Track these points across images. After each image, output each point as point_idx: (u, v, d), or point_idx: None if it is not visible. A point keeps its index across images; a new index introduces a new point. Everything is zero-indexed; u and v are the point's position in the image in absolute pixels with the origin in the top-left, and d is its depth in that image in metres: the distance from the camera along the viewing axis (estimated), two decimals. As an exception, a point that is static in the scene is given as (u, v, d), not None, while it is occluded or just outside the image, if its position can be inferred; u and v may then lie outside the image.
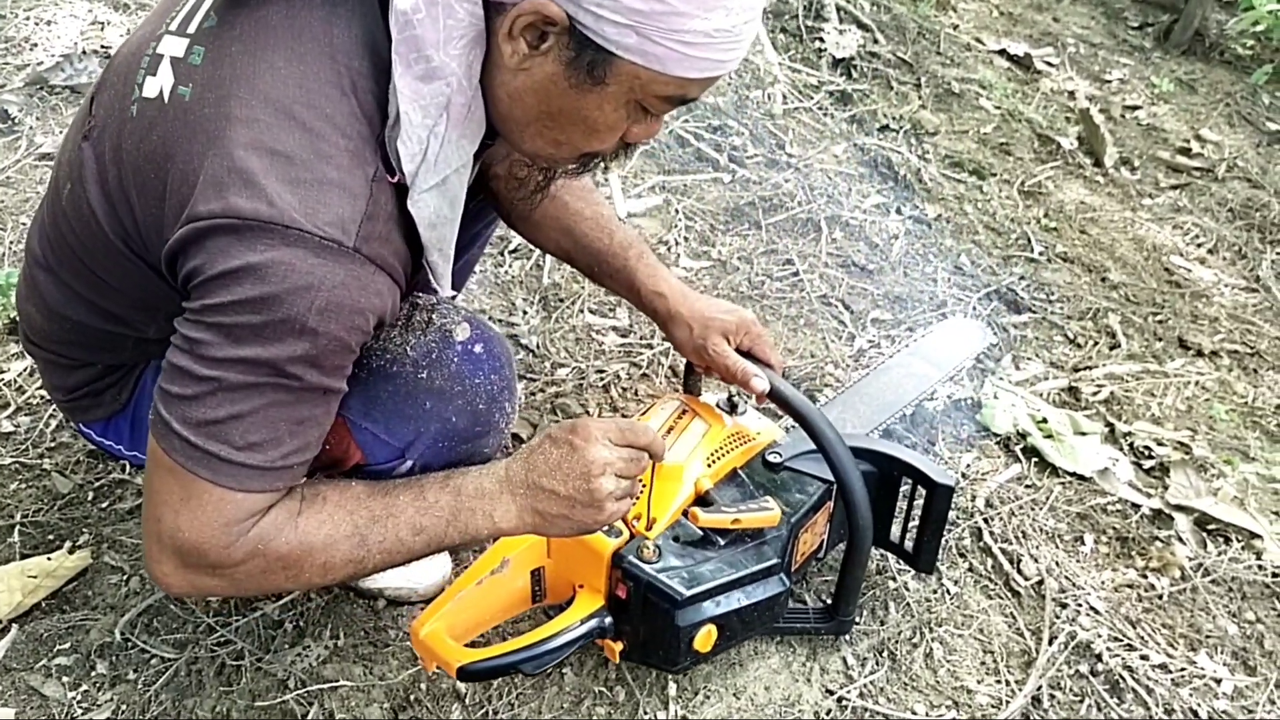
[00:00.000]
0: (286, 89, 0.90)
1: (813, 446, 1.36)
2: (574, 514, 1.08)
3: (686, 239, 2.36)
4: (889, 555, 1.59)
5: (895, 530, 1.52)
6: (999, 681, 1.47)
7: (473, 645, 1.20)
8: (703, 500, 1.34)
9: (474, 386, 1.13)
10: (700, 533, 1.29)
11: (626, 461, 1.10)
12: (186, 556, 0.95)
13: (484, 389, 1.14)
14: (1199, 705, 1.48)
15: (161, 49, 0.97)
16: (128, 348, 1.18)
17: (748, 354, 1.43)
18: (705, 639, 1.24)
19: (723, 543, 1.29)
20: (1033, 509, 1.77)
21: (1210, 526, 1.80)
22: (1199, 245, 2.83)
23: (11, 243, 2.07)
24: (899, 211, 2.65)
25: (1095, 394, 2.09)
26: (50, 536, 1.52)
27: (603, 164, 1.11)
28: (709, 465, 1.37)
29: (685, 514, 1.30)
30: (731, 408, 1.48)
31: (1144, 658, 1.53)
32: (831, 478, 1.37)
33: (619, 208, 1.28)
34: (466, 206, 1.56)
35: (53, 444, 1.67)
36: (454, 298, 1.20)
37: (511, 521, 1.07)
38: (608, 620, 1.24)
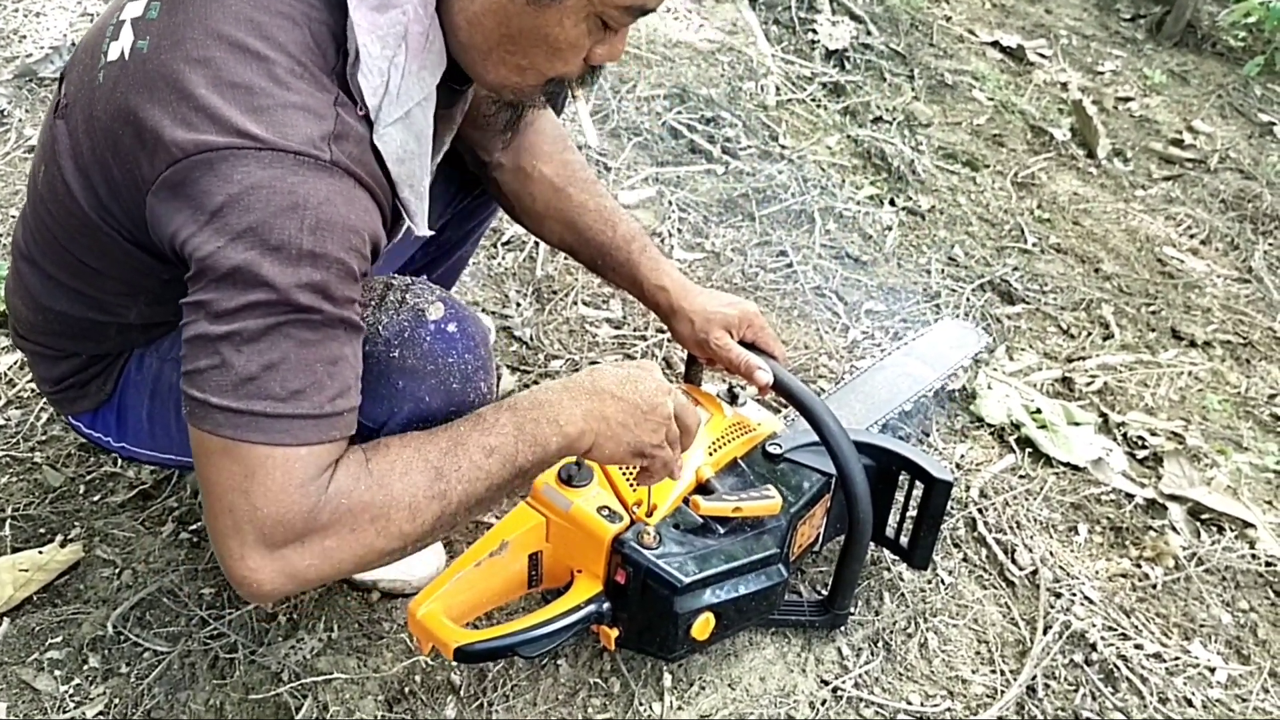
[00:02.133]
0: (238, 24, 0.91)
1: (813, 439, 1.36)
2: (638, 427, 1.09)
3: (680, 231, 2.35)
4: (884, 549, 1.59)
5: (890, 527, 1.52)
6: (994, 671, 1.48)
7: (469, 628, 1.19)
8: (703, 488, 1.33)
9: (447, 365, 1.12)
10: (700, 520, 1.29)
11: (681, 407, 1.13)
12: (271, 535, 0.89)
13: (458, 368, 1.12)
14: (1193, 694, 1.48)
15: (123, 15, 0.99)
16: (110, 335, 1.18)
17: (751, 346, 1.43)
18: (703, 627, 1.24)
19: (723, 531, 1.29)
20: (1027, 499, 1.78)
21: (1204, 516, 1.80)
22: (1191, 236, 2.84)
23: (0, 235, 2.06)
24: (892, 203, 2.65)
25: (1089, 384, 2.09)
26: (41, 530, 1.52)
27: (569, 92, 1.11)
28: (710, 454, 1.37)
29: (686, 501, 1.30)
30: (732, 398, 1.48)
31: (1138, 647, 1.54)
32: (831, 470, 1.36)
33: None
34: (463, 201, 1.56)
35: (44, 437, 1.66)
36: (430, 238, 1.18)
37: (577, 424, 1.06)
38: (605, 606, 1.23)
